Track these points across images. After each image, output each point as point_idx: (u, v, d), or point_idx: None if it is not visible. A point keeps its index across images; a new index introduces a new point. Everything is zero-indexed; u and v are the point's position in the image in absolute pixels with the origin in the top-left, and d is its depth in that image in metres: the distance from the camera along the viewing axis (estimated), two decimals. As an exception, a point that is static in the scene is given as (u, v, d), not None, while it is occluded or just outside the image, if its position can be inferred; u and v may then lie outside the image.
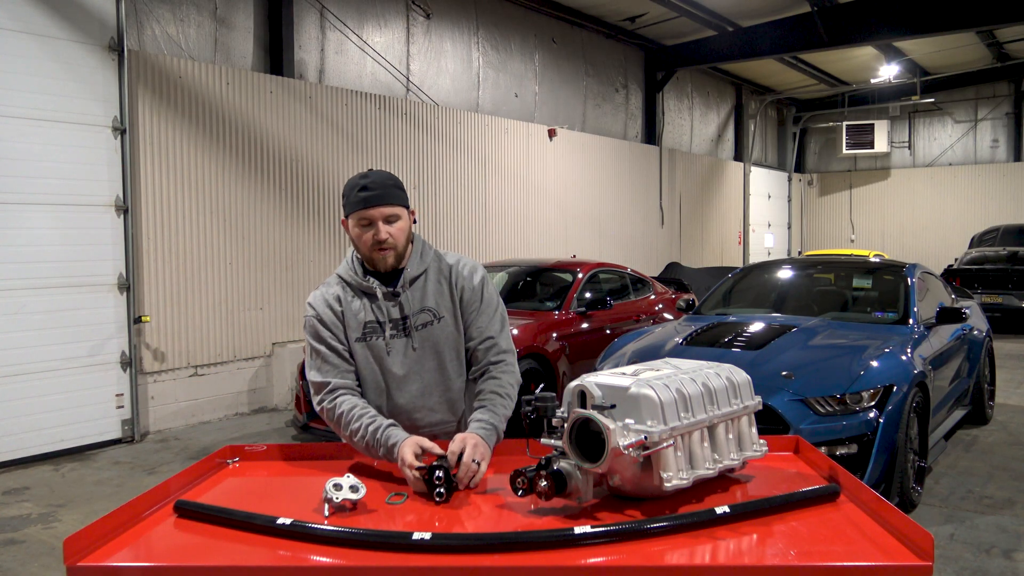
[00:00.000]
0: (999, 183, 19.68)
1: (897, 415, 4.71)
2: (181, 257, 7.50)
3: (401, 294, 2.44)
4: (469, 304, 2.50)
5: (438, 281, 2.49)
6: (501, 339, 2.51)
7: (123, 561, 1.66)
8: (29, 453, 6.25)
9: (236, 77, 8.04)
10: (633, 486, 1.83)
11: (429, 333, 2.45)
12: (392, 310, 2.44)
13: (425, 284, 2.48)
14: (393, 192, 2.41)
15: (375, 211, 2.37)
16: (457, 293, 2.50)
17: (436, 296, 2.47)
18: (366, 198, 2.37)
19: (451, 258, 2.56)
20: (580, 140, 13.19)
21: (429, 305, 2.46)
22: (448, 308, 2.48)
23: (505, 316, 2.57)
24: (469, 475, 2.07)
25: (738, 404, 2.02)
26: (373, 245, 2.39)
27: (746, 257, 19.00)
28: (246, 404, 8.11)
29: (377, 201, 2.37)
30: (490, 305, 2.52)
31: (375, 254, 2.41)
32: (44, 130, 6.31)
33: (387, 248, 2.40)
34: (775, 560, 1.58)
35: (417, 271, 2.47)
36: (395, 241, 2.40)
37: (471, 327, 2.49)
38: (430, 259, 2.51)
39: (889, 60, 17.07)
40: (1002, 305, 12.80)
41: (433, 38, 10.79)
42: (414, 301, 2.45)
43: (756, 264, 7.93)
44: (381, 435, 2.25)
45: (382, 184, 2.40)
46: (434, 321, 2.46)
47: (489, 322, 2.50)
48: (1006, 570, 4.12)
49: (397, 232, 2.40)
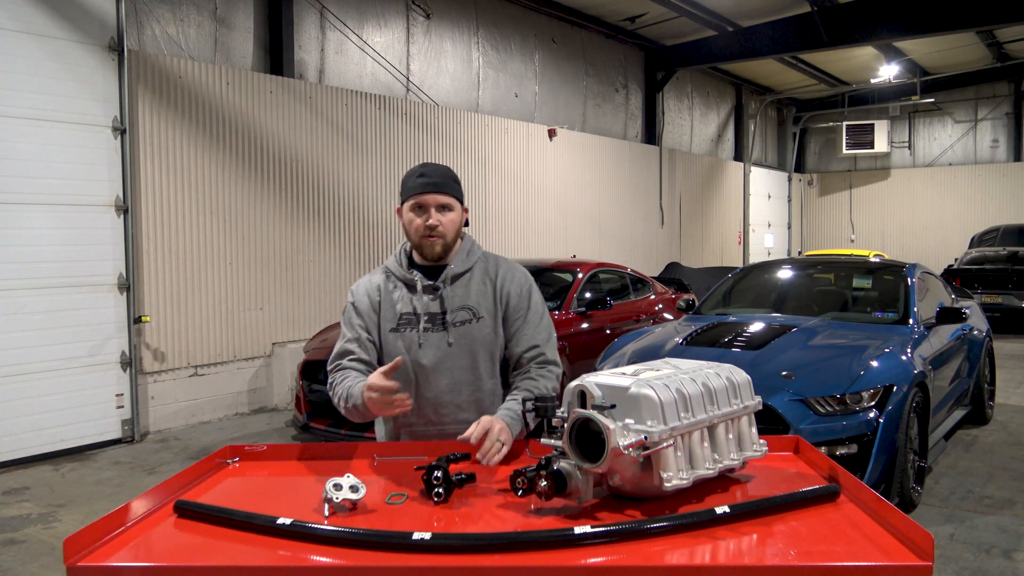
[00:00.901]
0: (999, 183, 19.68)
1: (897, 415, 4.71)
2: (181, 257, 7.50)
3: (441, 288, 2.47)
4: (515, 311, 2.51)
5: (482, 282, 2.51)
6: (547, 349, 2.52)
7: (123, 561, 1.66)
8: (29, 453, 6.25)
9: (236, 77, 8.04)
10: (633, 486, 1.83)
11: (466, 331, 2.47)
12: (431, 304, 2.47)
13: (469, 282, 2.50)
14: (449, 183, 2.47)
15: (430, 197, 2.43)
16: (502, 298, 2.51)
17: (479, 296, 2.49)
18: (423, 184, 2.43)
19: (501, 262, 2.58)
20: (580, 140, 13.19)
21: (470, 304, 2.48)
22: (489, 310, 2.49)
23: (551, 327, 2.58)
24: (493, 451, 2.14)
25: (738, 404, 2.02)
26: (424, 231, 2.44)
27: (746, 257, 19.00)
28: (246, 404, 8.12)
29: (433, 188, 2.43)
30: (536, 313, 2.54)
31: (424, 240, 2.45)
32: (44, 130, 6.31)
33: (436, 236, 2.44)
34: (775, 560, 1.58)
35: (461, 268, 2.50)
36: (445, 230, 2.45)
37: (517, 334, 2.51)
38: (476, 259, 2.54)
39: (889, 60, 17.08)
40: (1002, 305, 12.80)
41: (433, 38, 10.79)
42: (455, 298, 2.48)
43: (756, 264, 7.93)
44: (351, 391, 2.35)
45: (440, 174, 2.46)
46: (472, 320, 2.47)
47: (535, 331, 2.51)
48: (1006, 570, 4.12)
49: (448, 222, 2.45)
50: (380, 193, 9.52)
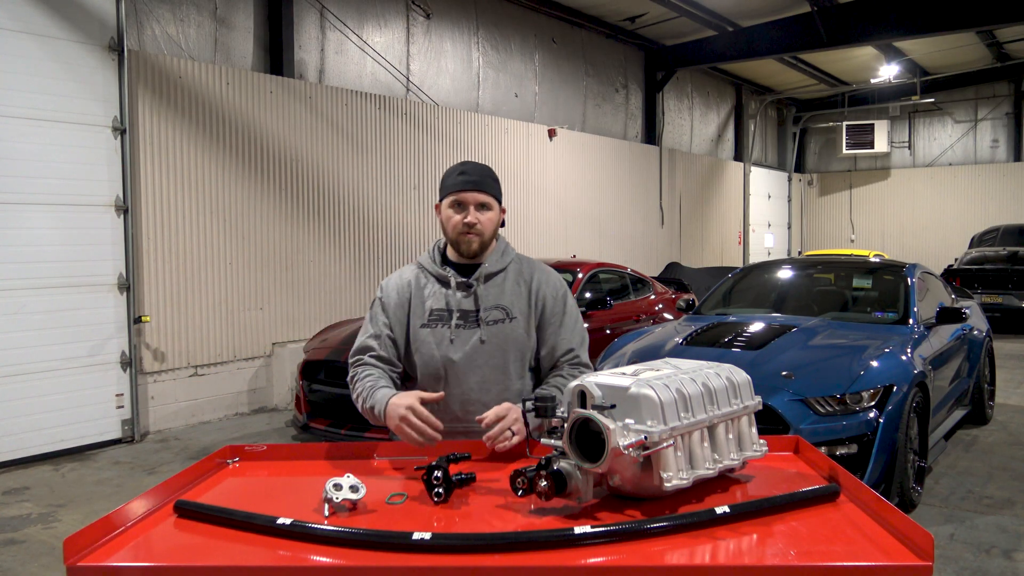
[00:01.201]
0: (999, 183, 19.68)
1: (897, 415, 4.71)
2: (181, 257, 7.51)
3: (475, 286, 2.49)
4: (551, 315, 2.53)
5: (516, 283, 2.53)
6: (582, 352, 2.54)
7: (123, 561, 1.66)
8: (29, 453, 6.25)
9: (236, 77, 8.04)
10: (633, 486, 1.83)
11: (499, 330, 2.48)
12: (464, 301, 2.49)
13: (503, 282, 2.52)
14: (489, 182, 2.50)
15: (469, 195, 2.46)
16: (537, 302, 2.53)
17: (512, 296, 2.51)
18: (464, 181, 2.46)
19: (536, 265, 2.61)
20: (580, 140, 13.19)
21: (503, 303, 2.50)
22: (523, 311, 2.51)
23: (585, 331, 2.60)
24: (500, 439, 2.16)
25: (738, 404, 2.02)
26: (462, 228, 2.46)
27: (746, 257, 19.00)
28: (246, 404, 8.12)
29: (473, 186, 2.46)
30: (572, 318, 2.56)
31: (461, 237, 2.48)
32: (44, 130, 6.31)
33: (474, 233, 2.47)
34: (775, 560, 1.58)
35: (495, 268, 2.53)
36: (483, 228, 2.47)
37: (552, 339, 2.52)
38: (511, 260, 2.57)
39: (889, 60, 17.08)
40: (1002, 305, 12.80)
41: (433, 38, 10.79)
42: (488, 296, 2.50)
43: (756, 264, 7.93)
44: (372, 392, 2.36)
45: (480, 172, 2.49)
46: (505, 320, 2.49)
47: (571, 335, 2.54)
48: (1006, 570, 4.12)
49: (486, 221, 2.48)
50: (380, 193, 9.52)
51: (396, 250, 9.76)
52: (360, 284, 9.32)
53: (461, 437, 2.45)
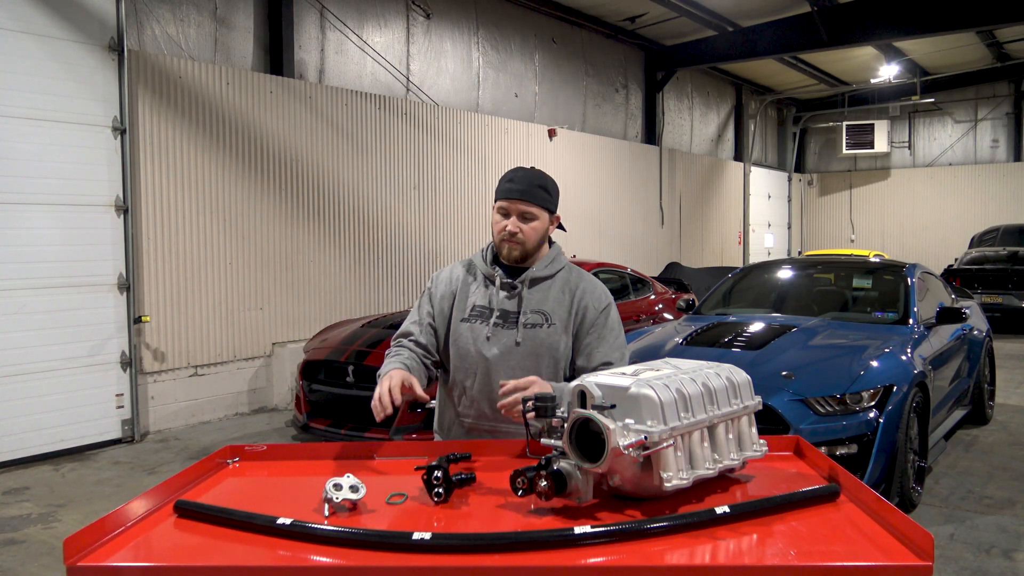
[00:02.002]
0: (999, 183, 19.68)
1: (897, 415, 4.71)
2: (181, 257, 7.51)
3: (519, 288, 2.51)
4: (592, 326, 2.53)
5: (562, 291, 2.55)
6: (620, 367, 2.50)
7: (123, 561, 1.66)
8: (29, 453, 6.25)
9: (236, 77, 8.04)
10: (633, 486, 1.83)
11: (535, 334, 2.49)
12: (507, 302, 2.52)
13: (549, 289, 2.54)
14: (536, 191, 2.51)
15: (512, 204, 2.49)
16: (579, 311, 2.53)
17: (555, 304, 2.52)
18: (509, 189, 2.49)
19: (584, 276, 2.63)
20: (580, 140, 13.19)
21: (545, 309, 2.51)
22: (562, 319, 2.52)
23: (625, 347, 2.60)
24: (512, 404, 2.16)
25: (738, 404, 2.02)
26: (504, 235, 2.49)
27: (746, 257, 19.00)
28: (246, 404, 8.12)
29: (518, 196, 2.49)
30: (613, 332, 2.55)
31: (503, 244, 2.52)
32: (44, 130, 6.31)
33: (515, 242, 2.50)
34: (775, 560, 1.58)
35: (542, 273, 2.55)
36: (524, 238, 2.50)
37: (589, 348, 2.51)
38: (560, 268, 2.59)
39: (889, 60, 17.08)
40: (1002, 305, 12.80)
41: (433, 38, 10.79)
42: (531, 300, 2.51)
43: (756, 264, 7.93)
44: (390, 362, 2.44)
45: (528, 181, 2.51)
46: (544, 325, 2.50)
47: (610, 348, 2.52)
48: (1006, 570, 4.12)
49: (529, 230, 2.50)
50: (380, 193, 9.52)
51: (396, 250, 9.76)
52: (360, 284, 9.32)
53: (487, 436, 2.48)
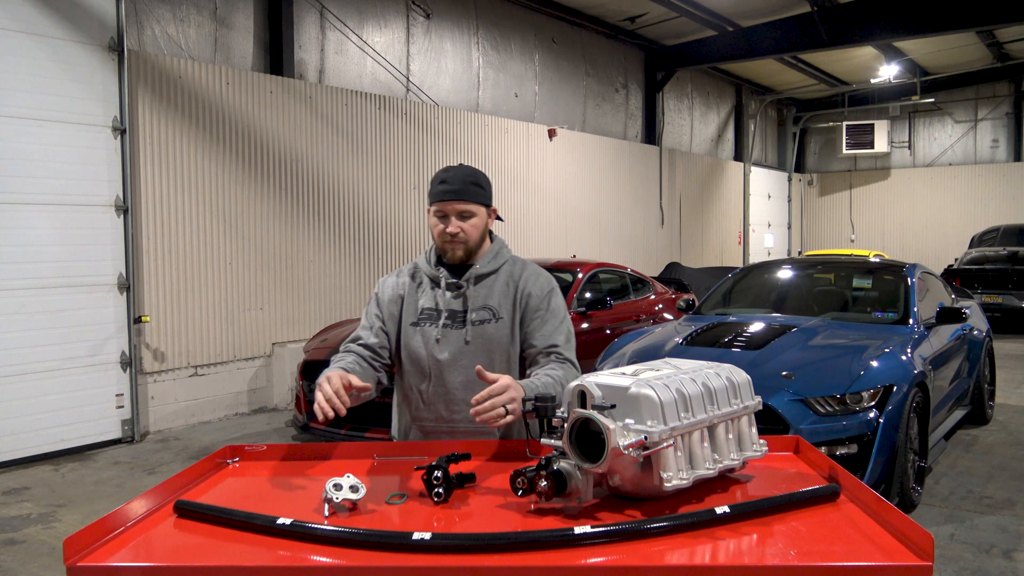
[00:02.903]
0: (999, 183, 19.68)
1: (897, 415, 4.71)
2: (181, 257, 7.51)
3: (464, 287, 2.50)
4: (534, 311, 2.51)
5: (506, 284, 2.53)
6: (566, 350, 2.50)
7: (123, 561, 1.66)
8: (29, 453, 6.25)
9: (236, 77, 8.04)
10: (633, 486, 1.83)
11: (483, 330, 2.48)
12: (453, 302, 2.51)
13: (493, 284, 2.52)
14: (471, 189, 2.47)
15: (449, 206, 2.45)
16: (522, 299, 2.51)
17: (500, 297, 2.51)
18: (444, 191, 2.46)
19: (528, 266, 2.60)
20: (580, 140, 13.19)
21: (491, 304, 2.50)
22: (508, 312, 2.51)
23: (571, 331, 2.56)
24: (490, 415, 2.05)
25: (738, 404, 2.02)
26: (444, 237, 2.47)
27: (746, 257, 19.00)
28: (246, 404, 8.12)
29: (452, 196, 2.45)
30: (556, 315, 2.53)
31: (445, 246, 2.50)
32: (44, 130, 6.31)
33: (457, 242, 2.47)
34: (775, 560, 1.58)
35: (486, 269, 2.53)
36: (465, 236, 2.47)
37: (535, 334, 2.49)
38: (504, 261, 2.57)
39: (889, 60, 17.08)
40: (1002, 305, 12.80)
41: (433, 38, 10.79)
42: (477, 297, 2.50)
43: (756, 264, 7.93)
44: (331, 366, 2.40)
45: (461, 180, 2.47)
46: (491, 320, 2.49)
47: (554, 331, 2.49)
48: (1006, 570, 4.12)
49: (469, 228, 2.47)
50: (380, 193, 9.52)
51: (396, 250, 9.76)
52: (360, 284, 9.32)
53: (445, 437, 2.47)
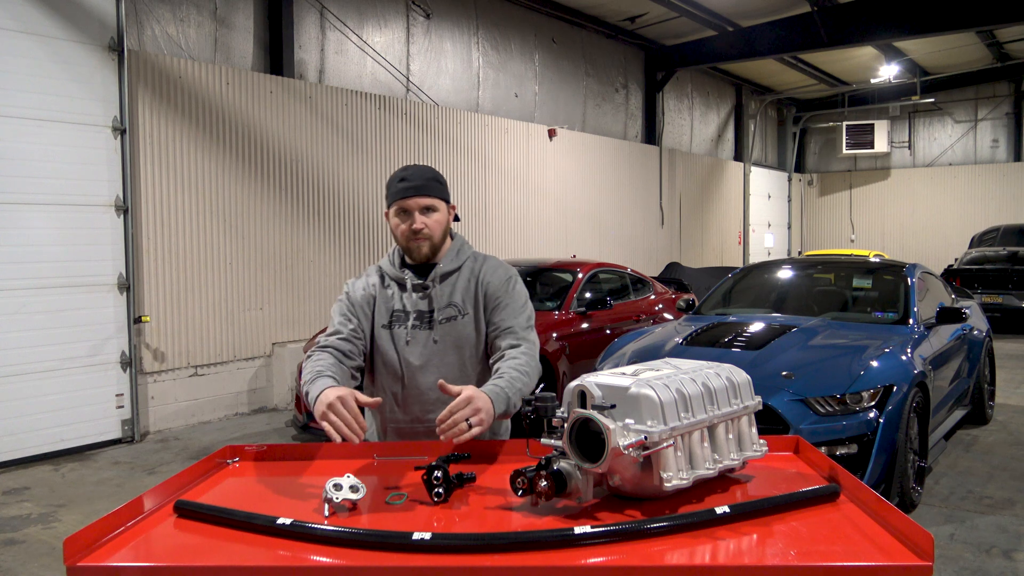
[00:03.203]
0: (999, 183, 19.68)
1: (897, 415, 4.71)
2: (181, 257, 7.51)
3: (430, 288, 2.50)
4: (493, 299, 2.51)
5: (469, 280, 2.53)
6: (524, 331, 2.49)
7: (123, 561, 1.66)
8: (29, 453, 6.25)
9: (236, 77, 8.04)
10: (633, 486, 1.83)
11: (451, 328, 2.49)
12: (420, 302, 2.51)
13: (456, 281, 2.53)
14: (431, 184, 2.48)
15: (412, 201, 2.45)
16: (484, 290, 2.52)
17: (464, 293, 2.52)
18: (404, 188, 2.45)
19: (488, 260, 2.60)
20: (580, 140, 13.19)
21: (455, 301, 2.51)
22: (472, 306, 2.52)
23: (532, 315, 2.55)
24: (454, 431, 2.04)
25: (738, 404, 2.02)
26: (409, 235, 2.46)
27: (746, 257, 19.00)
28: (246, 404, 8.11)
29: (414, 192, 2.45)
30: (516, 302, 2.52)
31: (411, 243, 2.48)
32: (44, 130, 6.31)
33: (422, 238, 2.47)
34: (775, 560, 1.58)
35: (450, 267, 2.53)
36: (430, 232, 2.47)
37: (494, 319, 2.50)
38: (466, 258, 2.56)
39: (889, 60, 17.08)
40: (1002, 305, 12.80)
41: (433, 38, 10.79)
42: (443, 296, 2.50)
43: (756, 264, 7.93)
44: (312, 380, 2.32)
45: (421, 176, 2.48)
46: (458, 317, 2.50)
47: (513, 315, 2.49)
48: (1006, 570, 4.12)
49: (433, 223, 2.47)
50: (380, 193, 9.52)
51: (396, 250, 9.75)
52: (360, 284, 9.31)
53: (423, 437, 2.47)
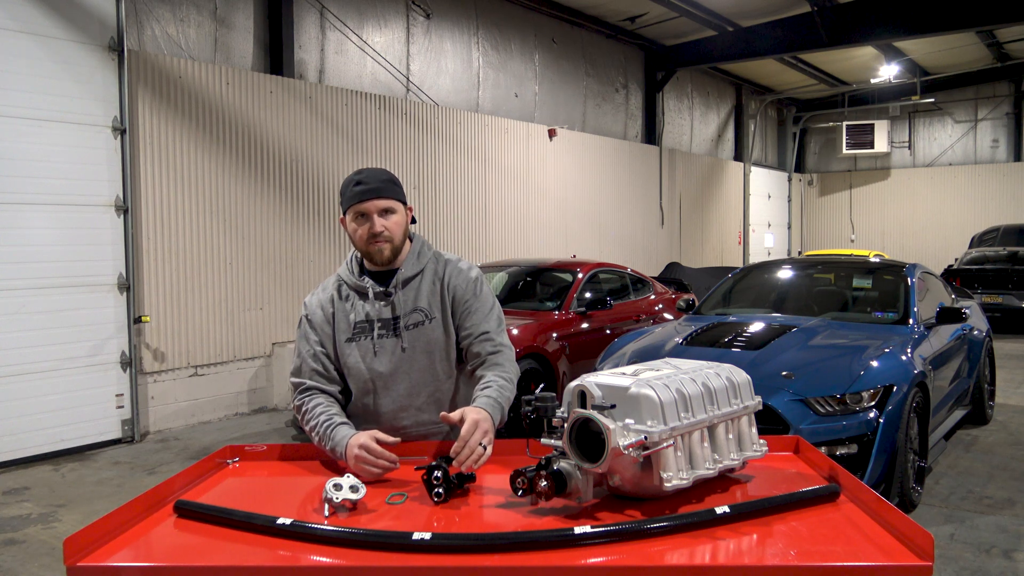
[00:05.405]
0: (999, 183, 19.68)
1: (897, 415, 4.71)
2: (181, 257, 7.50)
3: (393, 294, 2.44)
4: (461, 302, 2.46)
5: (433, 282, 2.48)
6: (497, 335, 2.46)
7: (123, 561, 1.66)
8: (29, 453, 6.25)
9: (236, 77, 8.04)
10: (633, 486, 1.83)
11: (420, 333, 2.44)
12: (384, 310, 2.45)
13: (420, 284, 2.47)
14: (388, 186, 2.42)
15: (370, 204, 2.39)
16: (449, 293, 2.47)
17: (429, 297, 2.46)
18: (361, 192, 2.39)
19: (450, 261, 2.54)
20: (580, 140, 13.19)
21: (421, 305, 2.45)
22: (439, 308, 2.46)
23: (501, 316, 2.53)
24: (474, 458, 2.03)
25: (738, 404, 2.02)
26: (369, 238, 2.40)
27: (746, 257, 18.99)
28: (246, 404, 8.12)
29: (372, 194, 2.39)
30: (485, 304, 2.49)
31: (371, 247, 2.42)
32: (44, 130, 6.31)
33: (383, 240, 2.41)
34: (775, 560, 1.58)
35: (412, 271, 2.47)
36: (391, 234, 2.41)
37: (465, 324, 2.46)
38: (427, 260, 2.50)
39: (889, 60, 17.08)
40: (1002, 305, 12.80)
41: (433, 38, 10.79)
42: (407, 301, 2.45)
43: (756, 264, 7.93)
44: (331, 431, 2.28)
45: (377, 179, 2.42)
46: (425, 321, 2.45)
47: (484, 319, 2.46)
48: (1006, 570, 4.12)
49: (392, 225, 2.42)
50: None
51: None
52: (360, 284, 9.32)
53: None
